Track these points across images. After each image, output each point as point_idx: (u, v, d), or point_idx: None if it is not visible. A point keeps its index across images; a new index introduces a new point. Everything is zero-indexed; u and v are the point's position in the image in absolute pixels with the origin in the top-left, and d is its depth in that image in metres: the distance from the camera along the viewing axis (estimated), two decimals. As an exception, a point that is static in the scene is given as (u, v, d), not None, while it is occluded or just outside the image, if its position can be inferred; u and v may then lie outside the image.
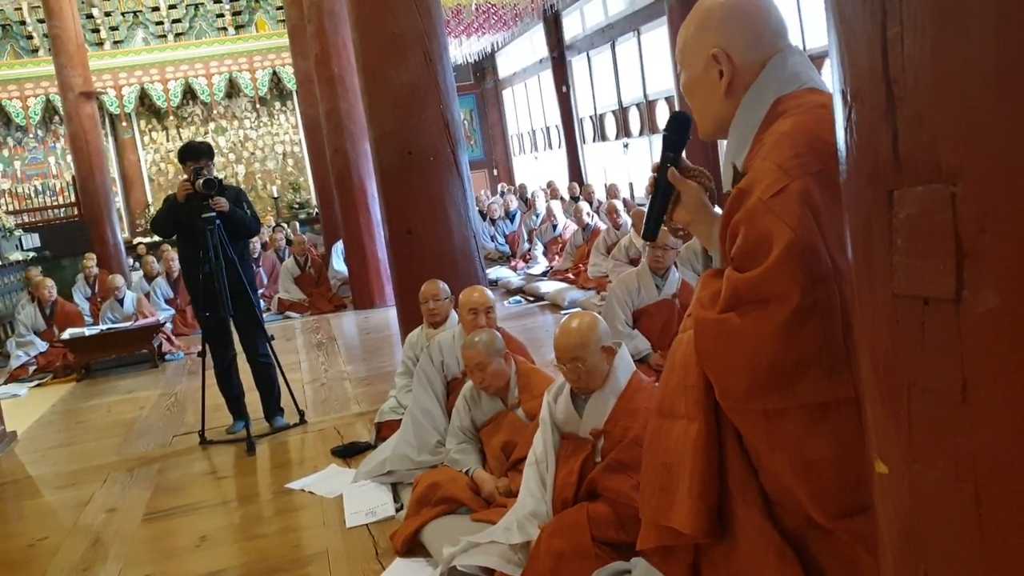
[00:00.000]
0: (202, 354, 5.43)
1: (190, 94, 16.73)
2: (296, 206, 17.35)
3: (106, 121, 16.25)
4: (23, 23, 15.97)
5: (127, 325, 8.59)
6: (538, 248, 10.35)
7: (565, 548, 2.65)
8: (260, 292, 10.30)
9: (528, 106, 18.33)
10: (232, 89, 16.86)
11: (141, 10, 16.52)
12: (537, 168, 17.77)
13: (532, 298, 9.07)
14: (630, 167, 13.34)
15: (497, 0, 12.62)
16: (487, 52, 16.52)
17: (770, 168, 1.51)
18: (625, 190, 12.29)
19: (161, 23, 16.61)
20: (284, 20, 13.47)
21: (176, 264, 9.79)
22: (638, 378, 2.86)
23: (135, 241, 15.44)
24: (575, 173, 15.33)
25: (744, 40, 1.66)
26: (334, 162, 9.74)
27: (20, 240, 11.95)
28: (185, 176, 5.21)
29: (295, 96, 15.87)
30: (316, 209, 14.19)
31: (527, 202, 12.43)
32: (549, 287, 8.88)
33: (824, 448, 1.43)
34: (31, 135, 16.44)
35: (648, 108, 12.65)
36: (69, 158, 13.93)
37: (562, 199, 12.23)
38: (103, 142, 13.73)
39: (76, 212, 14.05)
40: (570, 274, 9.08)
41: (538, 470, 2.90)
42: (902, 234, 0.86)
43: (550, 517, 2.82)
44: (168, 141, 17.03)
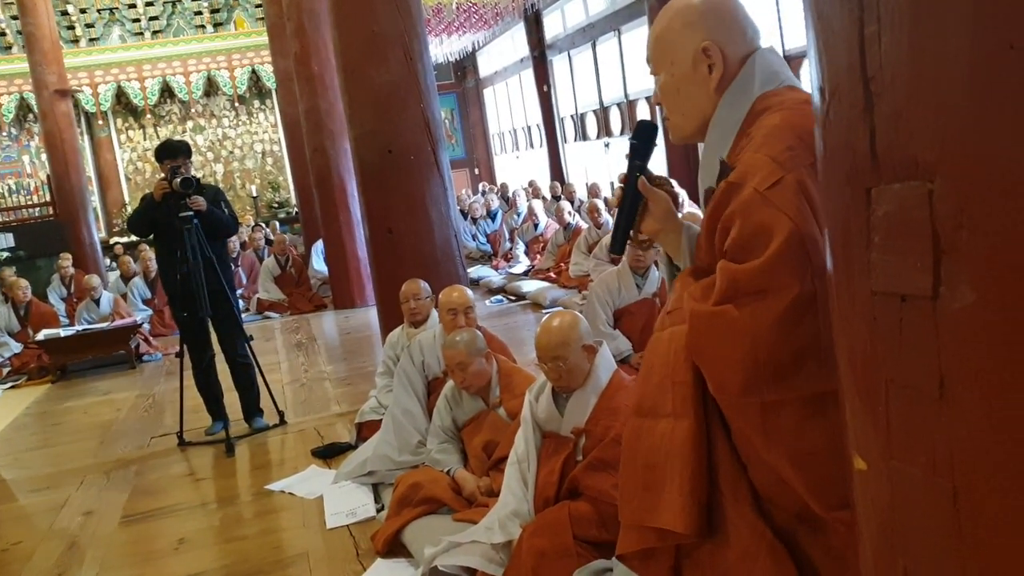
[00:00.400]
0: (180, 355, 5.38)
1: (168, 92, 16.60)
2: (275, 205, 17.27)
3: (82, 119, 16.10)
4: (-3, 20, 15.83)
5: (104, 326, 8.50)
6: (519, 247, 10.34)
7: (547, 547, 2.65)
8: (239, 292, 10.32)
9: (509, 105, 18.33)
10: (210, 87, 16.76)
11: (117, 7, 16.38)
12: (518, 167, 17.77)
13: (513, 297, 9.07)
14: (611, 166, 13.37)
15: (477, -1, 12.62)
16: (468, 51, 16.51)
17: (764, 160, 1.50)
18: (606, 189, 12.30)
19: (138, 20, 16.47)
20: (263, 18, 13.39)
21: (154, 264, 9.72)
22: (619, 376, 2.86)
23: (112, 241, 15.32)
24: (556, 172, 15.34)
25: (729, 35, 1.67)
26: (314, 161, 9.69)
27: (-6, 240, 11.84)
28: (162, 175, 5.17)
29: (274, 95, 15.80)
30: (296, 208, 14.13)
31: (508, 201, 12.42)
32: (530, 286, 8.88)
33: (821, 439, 1.43)
34: (5, 133, 16.26)
35: (629, 108, 12.68)
36: (44, 157, 13.79)
37: (543, 198, 12.24)
38: (79, 141, 13.60)
39: (51, 211, 13.90)
40: (551, 273, 9.08)
41: (519, 469, 2.90)
42: (880, 231, 0.86)
43: (532, 516, 2.82)
44: (145, 140, 16.90)
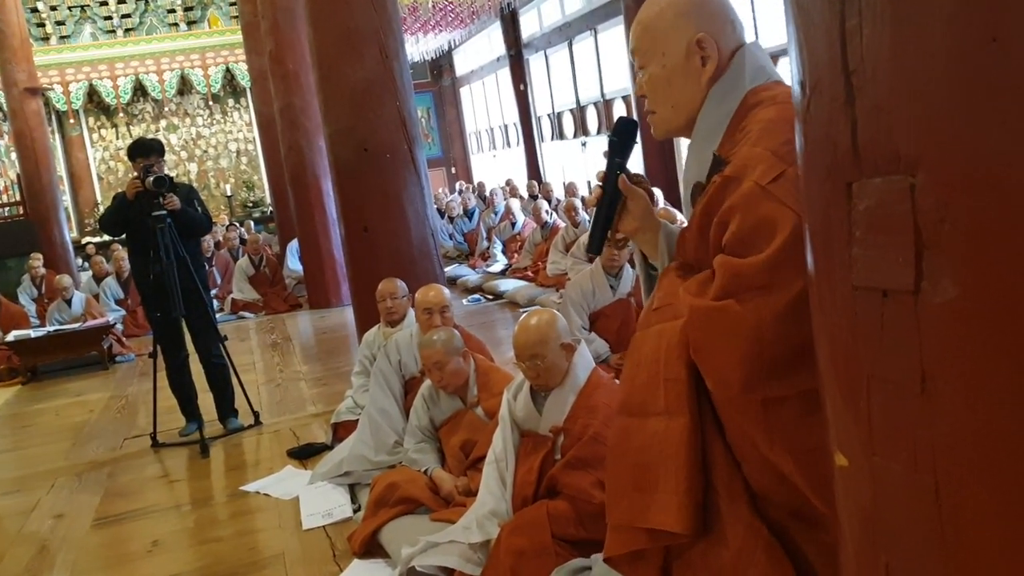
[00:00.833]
0: (154, 355, 5.33)
1: (141, 91, 16.43)
2: (250, 205, 17.15)
3: (53, 118, 15.91)
4: (-34, 17, 15.58)
5: (75, 326, 8.40)
6: (497, 246, 10.33)
7: (525, 546, 2.64)
8: (214, 292, 10.24)
9: (486, 104, 18.31)
10: (184, 86, 16.60)
11: (89, 4, 16.18)
12: (495, 166, 17.76)
13: (491, 296, 9.06)
14: (588, 165, 13.39)
15: (453, -3, 12.60)
16: (444, 50, 16.47)
17: (763, 154, 1.48)
18: (583, 188, 12.32)
19: (110, 18, 16.29)
20: (237, 16, 13.29)
21: (126, 264, 9.61)
22: (597, 374, 2.86)
23: (84, 241, 15.14)
24: (533, 171, 15.34)
25: (721, 28, 1.65)
26: (289, 160, 9.62)
27: (-38, 240, 11.66)
28: (135, 174, 5.11)
29: (249, 93, 15.68)
30: (270, 208, 14.03)
31: (486, 200, 12.41)
32: (508, 285, 8.87)
33: (824, 435, 1.41)
34: (-26, 132, 16.05)
35: (606, 107, 12.70)
36: (14, 156, 13.60)
37: (521, 197, 12.23)
38: (49, 139, 13.44)
39: (21, 211, 13.72)
40: (529, 272, 9.08)
41: (498, 468, 2.89)
42: (861, 226, 0.86)
43: (510, 515, 2.81)
44: (118, 139, 16.71)
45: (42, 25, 15.96)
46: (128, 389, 7.23)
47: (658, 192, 7.63)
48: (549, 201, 10.71)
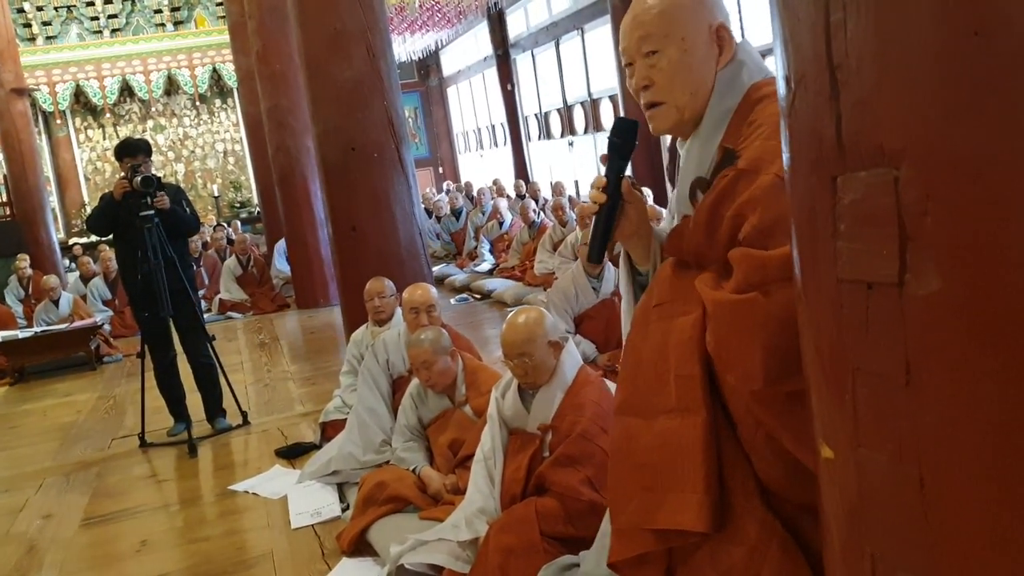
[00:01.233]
0: (141, 355, 5.31)
1: (127, 91, 16.35)
2: (237, 205, 17.09)
3: (39, 119, 15.82)
4: (-50, 17, 15.48)
5: (63, 327, 8.36)
6: (484, 246, 10.33)
7: (514, 543, 2.64)
8: (201, 292, 10.20)
9: (473, 104, 18.30)
10: (171, 86, 16.53)
11: (75, 5, 16.10)
12: (483, 166, 17.75)
13: (479, 296, 9.06)
14: (575, 165, 13.40)
15: (441, -3, 12.58)
16: (431, 49, 16.46)
17: (780, 148, 1.46)
18: (571, 188, 12.33)
19: (96, 18, 16.21)
20: (224, 16, 13.24)
21: (114, 264, 9.56)
22: (585, 372, 2.86)
23: (71, 241, 15.06)
24: (521, 171, 15.34)
25: (729, 19, 1.65)
26: (276, 160, 9.59)
27: (-52, 241, 11.59)
28: (122, 174, 5.09)
29: (236, 93, 15.62)
30: (258, 208, 13.99)
31: (473, 200, 12.40)
32: (496, 284, 8.87)
33: None
34: (-40, 133, 15.92)
35: (592, 106, 12.71)
36: (0, 157, 13.52)
37: (508, 197, 12.23)
38: (36, 140, 13.35)
39: (8, 212, 13.64)
40: (516, 271, 9.08)
41: (486, 466, 2.89)
42: (846, 219, 0.86)
43: (498, 513, 2.81)
44: (105, 139, 16.62)
45: (28, 25, 15.87)
46: (116, 389, 7.19)
47: (648, 191, 7.67)
48: (536, 201, 10.71)
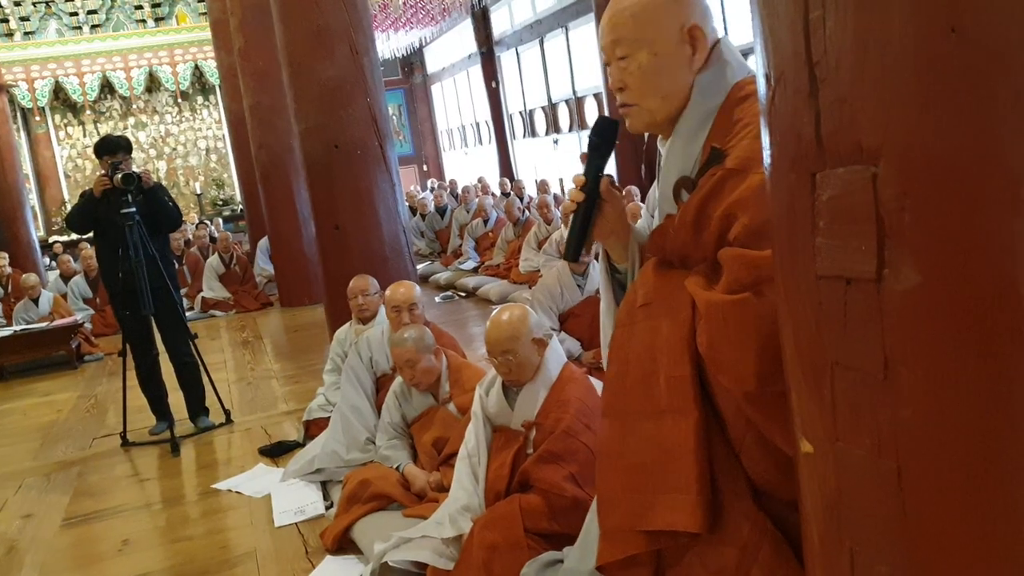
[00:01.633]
0: (123, 354, 5.27)
1: (108, 88, 16.21)
2: (220, 203, 16.99)
3: (18, 115, 15.68)
4: (-73, 12, 15.32)
5: (43, 326, 8.29)
6: (469, 244, 10.32)
7: (498, 540, 2.65)
8: (184, 291, 10.13)
9: (458, 101, 18.28)
10: (152, 83, 16.40)
11: (54, 0, 15.95)
12: (467, 164, 17.73)
13: (463, 294, 9.06)
14: (560, 163, 13.41)
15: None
16: (415, 47, 16.42)
17: None
18: (555, 185, 12.33)
19: (75, 14, 16.06)
20: (206, 12, 13.16)
21: (95, 262, 9.47)
22: (569, 369, 2.87)
23: (51, 240, 14.94)
24: (505, 168, 15.34)
25: (706, 18, 1.62)
26: (259, 158, 9.55)
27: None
28: (102, 171, 5.06)
29: (218, 90, 15.51)
30: (241, 206, 13.92)
31: (458, 198, 12.38)
32: (480, 282, 8.87)
33: None
34: (-62, 129, 15.76)
35: (577, 104, 12.72)
36: (-21, 154, 13.39)
37: (493, 194, 12.22)
38: (15, 137, 13.25)
39: (-13, 210, 13.50)
40: (501, 269, 9.07)
41: (470, 463, 2.89)
42: (824, 216, 0.87)
43: (483, 510, 2.81)
44: (85, 136, 16.48)
45: (6, 21, 15.71)
46: (97, 388, 7.15)
47: (635, 189, 7.68)
48: (521, 198, 10.70)
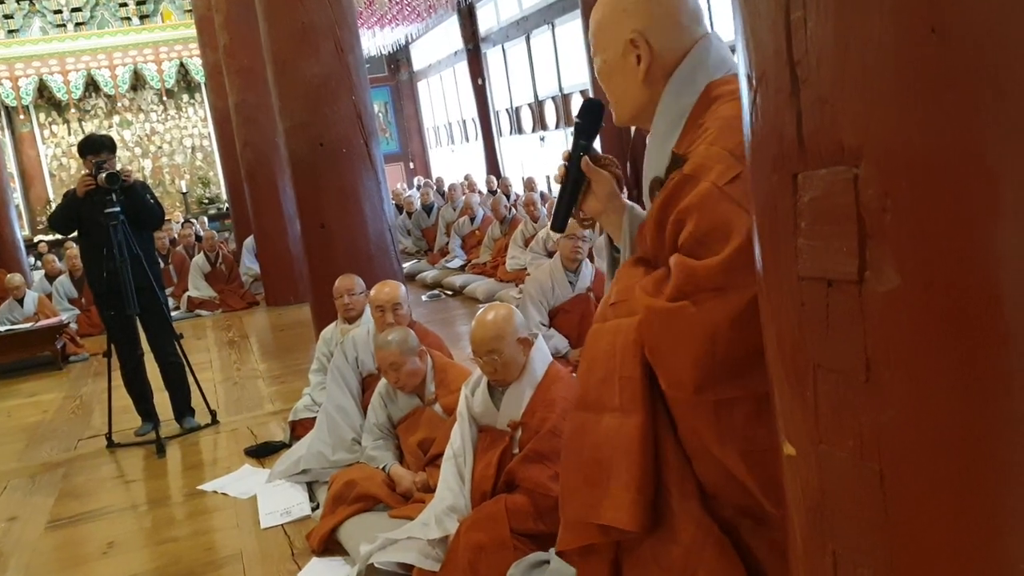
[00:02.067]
0: (108, 354, 5.24)
1: (93, 86, 16.09)
2: (206, 201, 16.91)
3: (2, 114, 15.59)
4: (-91, 10, 15.18)
5: (28, 326, 8.24)
6: (455, 242, 10.30)
7: (484, 540, 2.64)
8: (170, 290, 10.08)
9: (444, 99, 18.24)
10: (137, 81, 16.29)
11: (37, -3, 15.85)
12: (454, 161, 17.70)
13: (450, 292, 9.04)
14: (547, 160, 13.40)
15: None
16: (401, 44, 16.38)
17: (720, 154, 1.46)
18: (542, 183, 12.32)
19: (60, 12, 15.93)
20: (191, 10, 13.08)
21: (80, 262, 9.41)
22: (555, 368, 2.86)
23: (36, 239, 14.83)
24: (492, 166, 15.31)
25: (662, 24, 1.62)
26: (244, 156, 9.50)
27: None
28: (86, 171, 5.02)
29: (204, 88, 15.44)
30: (227, 204, 13.86)
31: (444, 195, 12.36)
32: (467, 281, 8.85)
33: (775, 437, 1.41)
34: (-79, 128, 15.64)
35: (564, 101, 12.71)
36: (-38, 153, 13.28)
37: (480, 192, 12.20)
38: (-1, 136, 13.14)
39: (-29, 209, 13.39)
40: (488, 267, 9.06)
41: (456, 464, 2.88)
42: (806, 217, 0.87)
43: (469, 511, 2.80)
44: (70, 135, 16.35)
45: (-11, 18, 15.60)
46: (82, 389, 7.11)
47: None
48: (508, 196, 10.69)
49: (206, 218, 14.89)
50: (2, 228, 12.05)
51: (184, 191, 16.80)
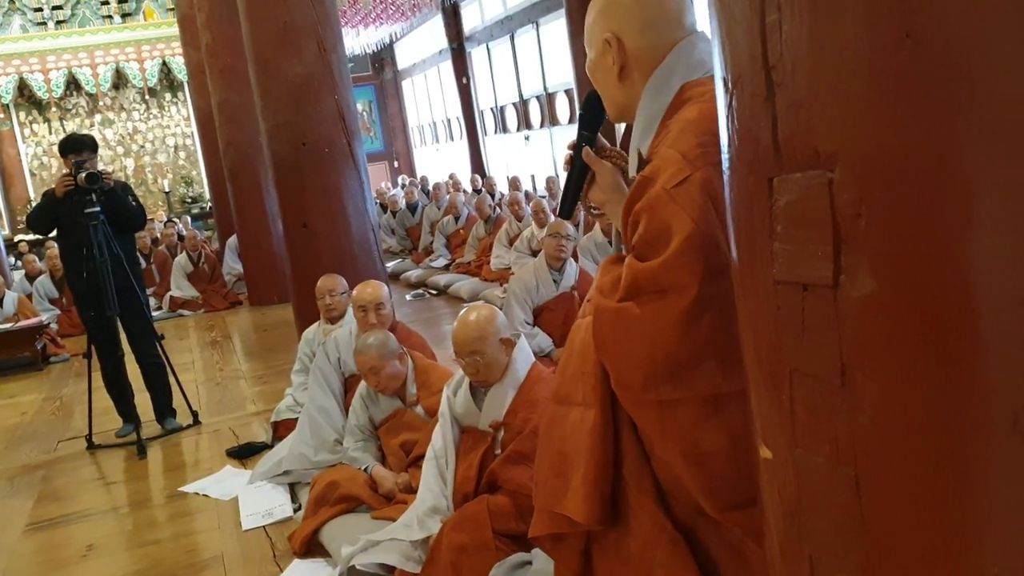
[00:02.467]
0: (88, 355, 5.20)
1: (74, 85, 15.97)
2: (189, 200, 16.81)
3: (-19, 112, 15.46)
4: None
5: (7, 327, 8.17)
6: (440, 241, 10.28)
7: (466, 541, 2.64)
8: (152, 290, 10.02)
9: (428, 97, 18.20)
10: (119, 80, 16.17)
11: (18, -5, 15.71)
12: (439, 160, 17.68)
13: (434, 291, 9.02)
14: (532, 159, 13.40)
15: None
16: (386, 42, 16.32)
17: (674, 157, 1.49)
18: (527, 182, 12.32)
19: (40, 10, 15.80)
20: (173, 8, 13.00)
21: (61, 262, 9.35)
22: (538, 369, 2.86)
23: (16, 239, 14.70)
24: (477, 165, 15.30)
25: (637, 26, 1.64)
26: (227, 155, 9.46)
27: None
28: (66, 170, 4.98)
29: (186, 87, 15.36)
30: (210, 203, 13.78)
31: (429, 194, 12.33)
32: (451, 280, 8.84)
33: (716, 440, 1.43)
34: (-101, 127, 15.48)
35: (548, 101, 12.71)
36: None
37: (464, 191, 12.17)
38: (-22, 134, 13.03)
39: (-50, 209, 13.30)
40: (473, 267, 9.05)
41: (437, 465, 2.87)
42: (782, 221, 0.86)
43: (451, 512, 2.80)
44: (51, 134, 16.21)
45: (-32, 16, 15.45)
46: (63, 390, 7.05)
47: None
48: (493, 195, 10.67)
49: (189, 217, 14.79)
50: (-18, 228, 11.96)
51: (167, 190, 16.70)
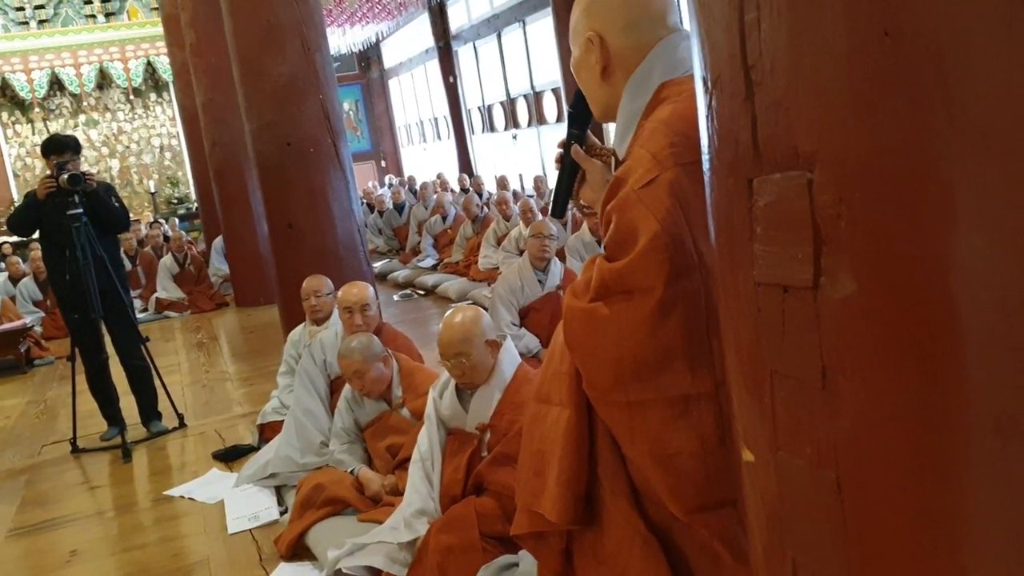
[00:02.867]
0: (72, 358, 5.16)
1: (57, 85, 15.87)
2: (175, 201, 16.73)
3: (-37, 113, 15.33)
4: None
5: (-9, 329, 8.11)
6: (427, 241, 10.26)
7: (453, 543, 2.63)
8: (138, 291, 9.97)
9: (415, 97, 18.16)
10: (103, 80, 16.08)
11: (-2, -5, 15.59)
12: (426, 159, 17.65)
13: (422, 291, 9.00)
14: (519, 158, 13.39)
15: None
16: (372, 41, 16.28)
17: (644, 157, 1.48)
18: (515, 181, 12.30)
19: (22, 9, 15.68)
20: (157, 8, 12.93)
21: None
22: (524, 370, 2.85)
23: None
24: (464, 164, 15.27)
25: (619, 25, 1.63)
26: (213, 155, 9.42)
27: None
28: (48, 172, 4.94)
29: (171, 87, 15.27)
30: (196, 204, 13.72)
31: (416, 194, 12.30)
32: (439, 280, 8.82)
33: (684, 441, 1.43)
34: None
35: (536, 100, 12.70)
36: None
37: (452, 191, 12.15)
38: (-39, 135, 12.92)
39: (-67, 210, 13.18)
40: (460, 267, 9.03)
41: (423, 467, 2.86)
42: (761, 222, 0.85)
43: (438, 514, 2.79)
44: (34, 134, 16.08)
45: (-50, 17, 15.32)
46: (47, 393, 7.00)
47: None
48: (480, 195, 10.65)
49: (176, 218, 14.72)
50: (-35, 230, 11.87)
51: (152, 191, 16.61)
